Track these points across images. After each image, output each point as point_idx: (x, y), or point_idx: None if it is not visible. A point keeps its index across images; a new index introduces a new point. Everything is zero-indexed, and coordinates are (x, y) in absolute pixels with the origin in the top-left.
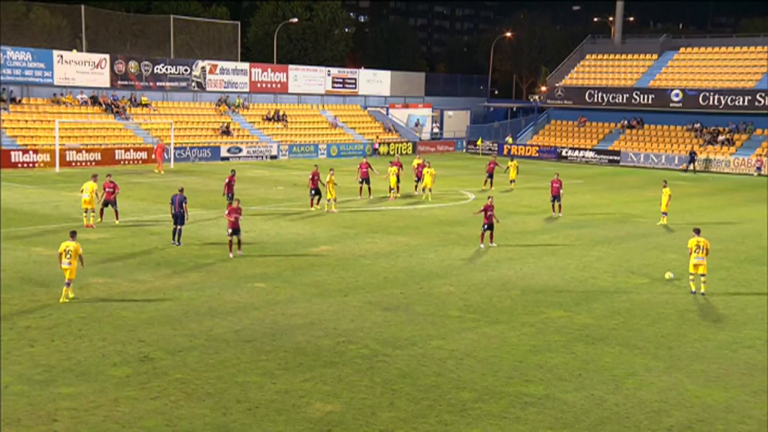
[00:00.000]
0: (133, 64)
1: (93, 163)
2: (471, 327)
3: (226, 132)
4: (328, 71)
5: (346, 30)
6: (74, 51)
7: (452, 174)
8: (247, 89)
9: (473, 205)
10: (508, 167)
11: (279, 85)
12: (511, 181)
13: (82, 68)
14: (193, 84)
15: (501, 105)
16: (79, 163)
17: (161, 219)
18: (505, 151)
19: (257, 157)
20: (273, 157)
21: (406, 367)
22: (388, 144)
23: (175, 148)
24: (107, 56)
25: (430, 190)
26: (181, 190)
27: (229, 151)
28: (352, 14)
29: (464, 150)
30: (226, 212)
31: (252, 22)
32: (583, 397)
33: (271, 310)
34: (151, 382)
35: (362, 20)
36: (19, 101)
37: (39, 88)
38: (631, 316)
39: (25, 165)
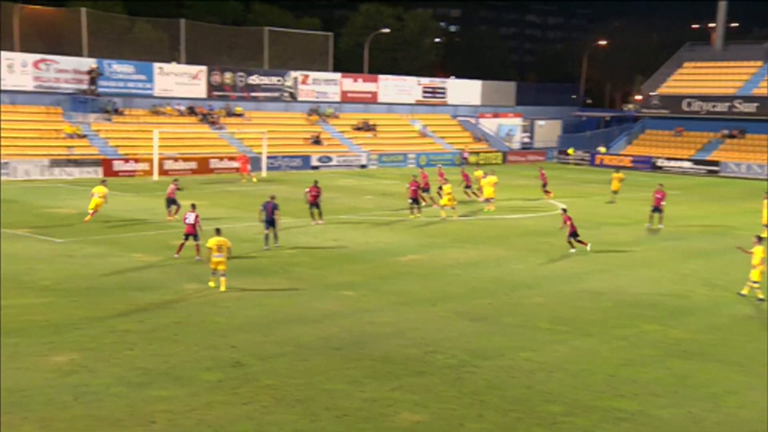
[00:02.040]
0: (228, 75)
1: (189, 172)
2: (561, 339)
3: (317, 141)
4: (418, 81)
5: (437, 40)
6: (173, 63)
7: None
8: (338, 99)
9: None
10: (611, 178)
11: (369, 95)
12: (613, 192)
13: (180, 80)
14: (286, 94)
15: (593, 114)
16: (176, 172)
17: (253, 227)
18: (597, 161)
19: (347, 166)
20: (362, 167)
21: (495, 378)
22: (477, 153)
23: (267, 158)
24: (204, 68)
25: (487, 200)
26: (273, 198)
27: (319, 160)
28: (442, 24)
29: (555, 160)
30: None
31: (343, 32)
32: (679, 414)
33: (359, 318)
34: (242, 387)
35: (452, 29)
36: (122, 112)
37: (140, 99)
38: (730, 332)
39: (126, 174)
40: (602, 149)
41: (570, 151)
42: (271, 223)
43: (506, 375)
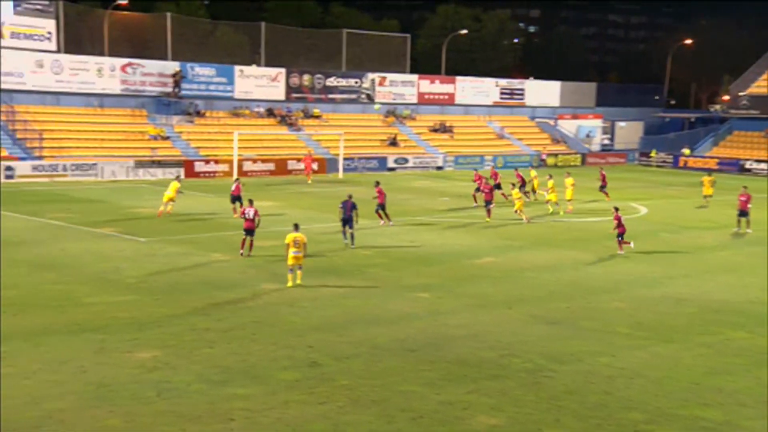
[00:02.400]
0: (306, 77)
1: (267, 173)
2: (641, 345)
3: (393, 143)
4: (496, 82)
5: (515, 41)
6: (253, 66)
7: (623, 187)
8: (415, 101)
9: (644, 218)
10: (701, 181)
11: (446, 97)
12: (704, 197)
13: (259, 82)
14: (363, 96)
15: (677, 115)
16: (254, 173)
17: (329, 228)
18: (681, 163)
19: (423, 167)
20: (438, 168)
21: (573, 383)
22: (556, 155)
23: (344, 159)
24: (283, 70)
25: (556, 203)
26: (350, 197)
27: (395, 161)
28: (521, 24)
29: (636, 162)
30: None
31: (421, 34)
32: None
33: (434, 320)
34: (319, 387)
35: (531, 30)
36: (203, 114)
37: (221, 101)
38: None
39: (206, 175)
40: (686, 151)
41: (652, 153)
42: (348, 221)
43: (584, 380)
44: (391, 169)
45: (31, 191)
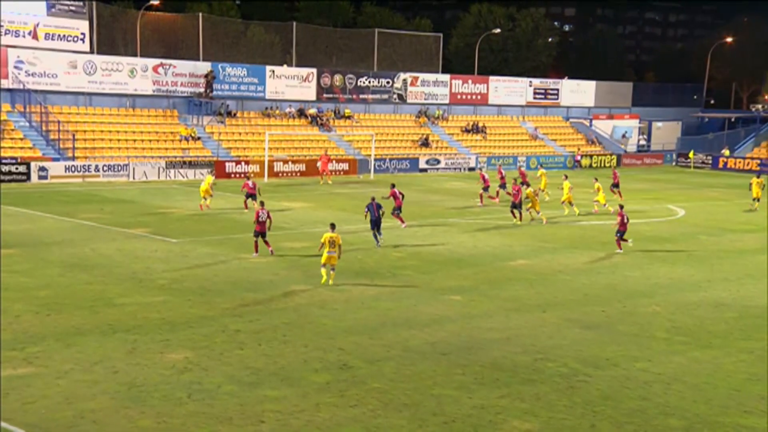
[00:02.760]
0: (338, 77)
1: (298, 174)
2: (680, 350)
3: (425, 144)
4: (530, 82)
5: (550, 40)
6: (285, 66)
7: (660, 188)
8: (447, 101)
9: (682, 221)
10: (750, 183)
11: (479, 97)
12: (754, 200)
13: (290, 82)
14: (395, 96)
15: (717, 115)
16: (285, 174)
17: (360, 229)
18: (720, 164)
19: (455, 168)
20: (471, 169)
21: (608, 388)
22: (591, 156)
23: (375, 160)
24: (314, 70)
25: (567, 203)
26: (374, 199)
27: (427, 162)
28: (556, 23)
29: (674, 163)
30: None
31: (453, 33)
32: None
33: (467, 323)
34: (350, 390)
35: (566, 29)
36: (234, 114)
37: (252, 102)
38: None
39: (238, 175)
40: (726, 152)
41: (690, 154)
42: (377, 222)
43: (620, 386)
44: (423, 170)
45: (64, 191)
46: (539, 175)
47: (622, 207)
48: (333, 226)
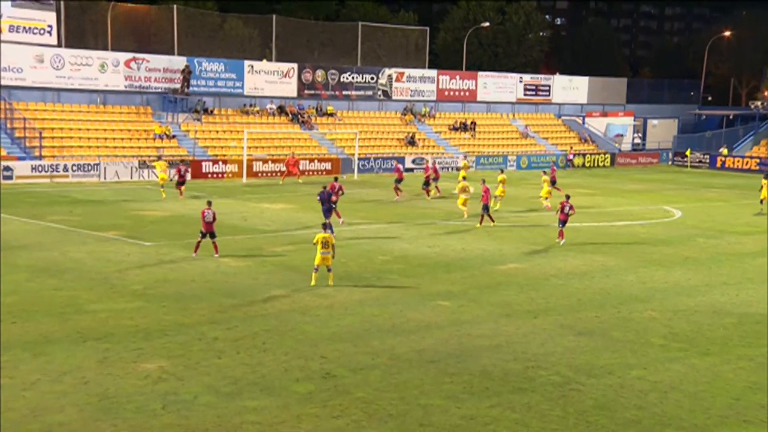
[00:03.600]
0: (320, 72)
1: (279, 174)
2: (677, 357)
3: (412, 142)
4: (520, 78)
5: (541, 34)
6: (264, 61)
7: (656, 189)
8: (434, 98)
9: (679, 223)
10: (762, 185)
11: (467, 93)
12: (761, 201)
13: (270, 78)
14: (379, 92)
15: (715, 112)
16: (265, 174)
17: (344, 231)
18: (718, 164)
19: (443, 168)
20: (459, 169)
21: (603, 397)
22: (584, 155)
23: (359, 159)
24: (295, 65)
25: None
26: (324, 187)
27: (413, 162)
28: (548, 17)
29: (670, 162)
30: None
31: (441, 27)
32: None
33: (456, 330)
34: (333, 400)
35: (559, 23)
36: (211, 112)
37: (230, 98)
38: None
39: (215, 175)
40: (724, 151)
41: (687, 152)
42: (329, 212)
43: (615, 394)
44: (409, 170)
45: (31, 192)
46: (499, 180)
47: (568, 197)
48: (325, 226)
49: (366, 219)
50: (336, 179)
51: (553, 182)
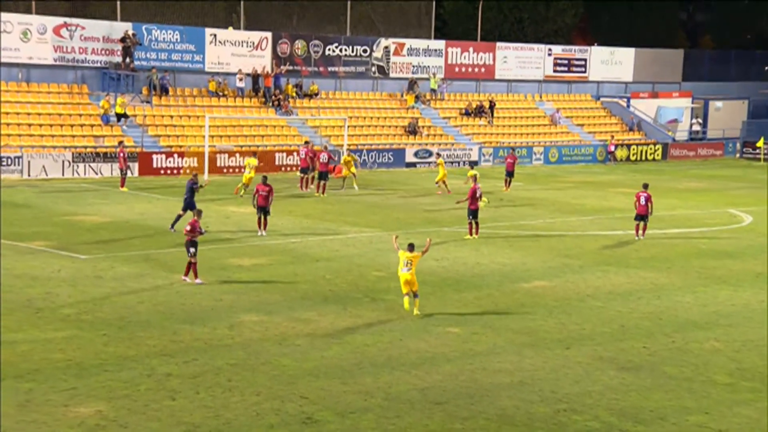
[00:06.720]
0: (299, 43)
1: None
2: (747, 400)
3: (413, 131)
4: (549, 50)
5: None
6: (230, 29)
7: (719, 188)
8: (442, 75)
9: (749, 230)
10: None
11: (483, 69)
12: None
13: (238, 50)
14: (373, 69)
15: None
16: (232, 170)
17: (329, 241)
18: None
19: (452, 162)
20: (473, 164)
21: None
22: (629, 146)
23: (350, 151)
24: (269, 34)
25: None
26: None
27: (415, 155)
28: None
29: (738, 155)
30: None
31: None
32: None
33: (469, 363)
34: None
35: None
36: (164, 92)
37: (187, 75)
38: None
39: (169, 172)
40: None
41: (760, 142)
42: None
43: None
44: (411, 165)
45: None
46: (438, 163)
47: (475, 178)
48: (412, 247)
49: (356, 225)
50: (306, 143)
51: (509, 173)
